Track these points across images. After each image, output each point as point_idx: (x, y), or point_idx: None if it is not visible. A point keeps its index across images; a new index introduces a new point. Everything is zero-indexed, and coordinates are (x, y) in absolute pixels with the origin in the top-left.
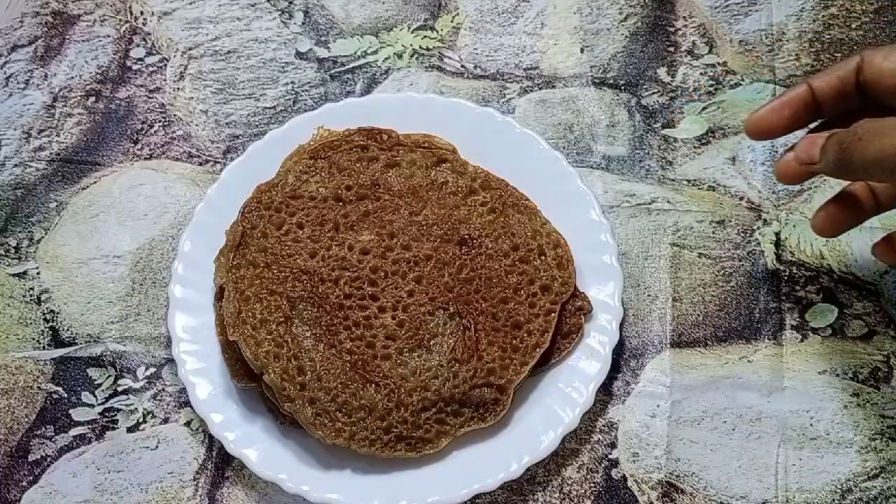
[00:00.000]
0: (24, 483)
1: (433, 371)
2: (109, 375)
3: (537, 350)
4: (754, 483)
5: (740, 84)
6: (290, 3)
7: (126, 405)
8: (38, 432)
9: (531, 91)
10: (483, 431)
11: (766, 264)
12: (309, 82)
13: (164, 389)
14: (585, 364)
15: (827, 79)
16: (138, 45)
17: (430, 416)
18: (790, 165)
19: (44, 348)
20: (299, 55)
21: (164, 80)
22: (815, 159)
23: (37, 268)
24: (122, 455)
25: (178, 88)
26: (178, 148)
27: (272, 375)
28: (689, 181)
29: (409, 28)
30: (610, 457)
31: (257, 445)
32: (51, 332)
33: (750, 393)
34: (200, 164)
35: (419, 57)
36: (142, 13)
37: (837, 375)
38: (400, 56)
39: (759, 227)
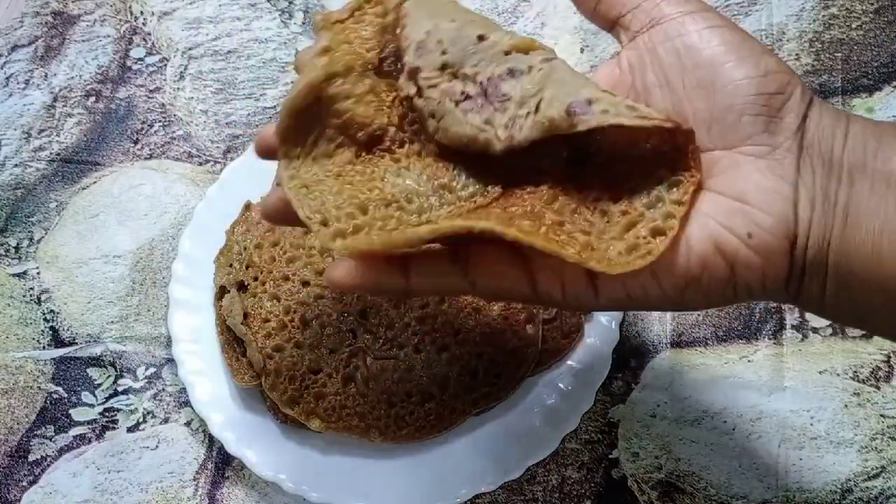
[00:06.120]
0: (24, 483)
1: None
2: (109, 375)
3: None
4: (754, 483)
5: None
6: (290, 3)
7: (126, 405)
8: (38, 432)
9: None
10: (483, 431)
11: None
12: None
13: (164, 389)
14: (585, 364)
15: None
16: (138, 45)
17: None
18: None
19: (44, 348)
20: None
21: (164, 80)
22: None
23: (37, 268)
24: (122, 455)
25: (178, 88)
26: (178, 148)
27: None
28: None
29: None
30: (610, 457)
31: (257, 445)
32: (51, 332)
33: (750, 393)
34: (200, 164)
35: None
36: (142, 13)
37: (838, 375)
38: None
39: None
